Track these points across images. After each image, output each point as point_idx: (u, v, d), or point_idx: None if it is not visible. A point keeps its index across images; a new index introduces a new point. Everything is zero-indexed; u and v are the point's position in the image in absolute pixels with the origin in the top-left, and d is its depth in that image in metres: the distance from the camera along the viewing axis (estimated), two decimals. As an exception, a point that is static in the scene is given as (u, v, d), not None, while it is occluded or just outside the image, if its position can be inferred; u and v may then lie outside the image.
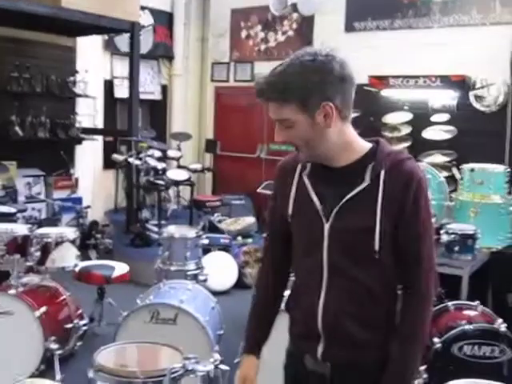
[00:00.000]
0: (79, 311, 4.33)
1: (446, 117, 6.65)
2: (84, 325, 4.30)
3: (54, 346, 3.73)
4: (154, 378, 2.24)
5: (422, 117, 6.75)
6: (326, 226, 1.75)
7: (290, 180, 1.85)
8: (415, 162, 1.78)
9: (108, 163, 7.90)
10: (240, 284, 6.16)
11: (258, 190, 8.03)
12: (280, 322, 2.08)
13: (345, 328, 1.75)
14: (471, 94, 6.47)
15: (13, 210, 5.58)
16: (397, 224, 1.71)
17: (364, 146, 1.79)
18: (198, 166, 8.41)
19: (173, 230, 4.57)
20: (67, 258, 4.20)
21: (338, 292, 1.76)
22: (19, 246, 4.08)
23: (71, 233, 4.29)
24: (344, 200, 1.73)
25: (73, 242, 4.25)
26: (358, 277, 1.74)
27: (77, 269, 4.53)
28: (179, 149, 8.39)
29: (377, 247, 1.70)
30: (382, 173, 1.71)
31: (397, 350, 1.73)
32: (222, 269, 5.90)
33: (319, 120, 1.69)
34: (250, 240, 6.91)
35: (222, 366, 2.29)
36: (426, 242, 1.75)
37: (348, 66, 1.72)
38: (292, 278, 2.00)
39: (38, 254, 4.12)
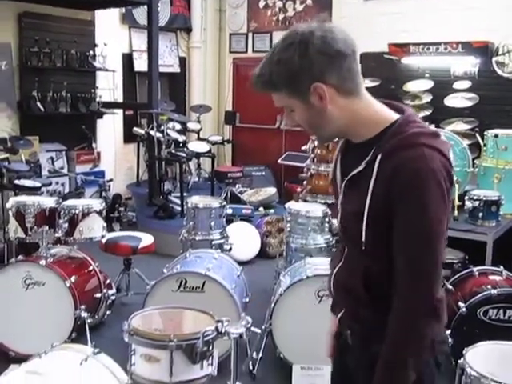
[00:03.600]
0: (107, 281, 4.41)
1: (467, 84, 6.58)
2: (112, 294, 4.38)
3: (84, 314, 3.82)
4: (187, 341, 2.30)
5: (443, 84, 6.70)
6: (339, 202, 1.77)
7: (338, 151, 1.85)
8: (429, 150, 1.54)
9: (129, 137, 7.97)
10: (262, 254, 6.21)
11: (279, 161, 8.06)
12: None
13: (348, 301, 1.77)
14: (493, 60, 6.40)
15: (37, 184, 5.65)
16: (385, 217, 1.57)
17: (387, 119, 1.64)
18: (218, 138, 8.44)
19: (197, 200, 4.62)
20: (94, 228, 4.26)
21: (345, 269, 1.78)
22: (47, 218, 4.15)
23: (97, 204, 4.34)
24: (346, 179, 1.70)
25: (99, 213, 4.31)
26: (359, 259, 1.70)
27: (103, 240, 4.60)
28: (199, 121, 8.42)
29: (363, 237, 1.62)
30: (379, 157, 1.58)
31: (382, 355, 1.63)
32: (244, 239, 5.95)
33: (314, 102, 1.60)
34: (271, 210, 6.94)
35: (254, 329, 2.35)
36: (416, 243, 1.55)
37: (335, 38, 1.56)
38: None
39: (66, 225, 4.18)
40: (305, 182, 5.47)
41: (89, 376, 2.53)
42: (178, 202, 6.70)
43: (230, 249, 4.50)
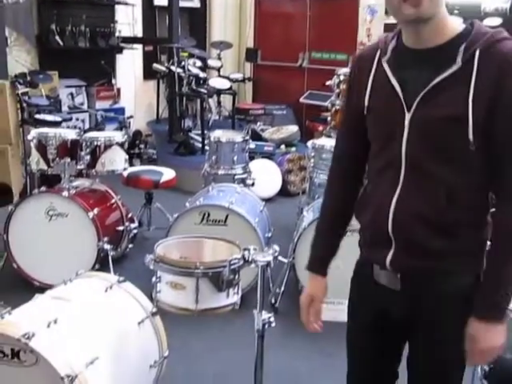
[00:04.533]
0: (129, 214, 4.40)
1: (498, 21, 6.35)
2: (134, 228, 4.38)
3: (107, 246, 3.82)
4: (213, 269, 2.27)
5: (473, 20, 6.46)
6: (408, 116, 1.56)
7: (368, 69, 1.67)
8: None
9: (148, 74, 7.86)
10: (284, 192, 6.17)
11: (301, 100, 7.93)
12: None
13: (417, 232, 1.58)
14: (527, -6, 6.16)
15: (58, 119, 5.60)
16: (490, 114, 1.48)
17: (457, 25, 1.56)
18: (239, 76, 8.30)
19: (219, 134, 4.54)
20: (116, 161, 4.22)
21: (413, 192, 1.58)
22: (69, 150, 4.11)
23: (119, 136, 4.28)
24: (431, 85, 1.53)
25: (121, 145, 4.26)
26: (439, 176, 1.55)
27: (125, 174, 4.58)
28: (219, 58, 8.26)
29: (470, 138, 1.50)
30: (477, 53, 1.49)
31: (489, 268, 1.58)
32: (266, 176, 5.89)
33: None
34: (293, 149, 6.86)
35: (281, 258, 2.32)
36: None
37: None
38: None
39: (88, 157, 4.14)
40: (329, 119, 5.37)
41: (114, 303, 2.52)
42: (199, 138, 6.64)
43: (253, 184, 4.45)
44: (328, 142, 4.40)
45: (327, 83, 5.38)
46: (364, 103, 1.68)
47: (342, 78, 5.10)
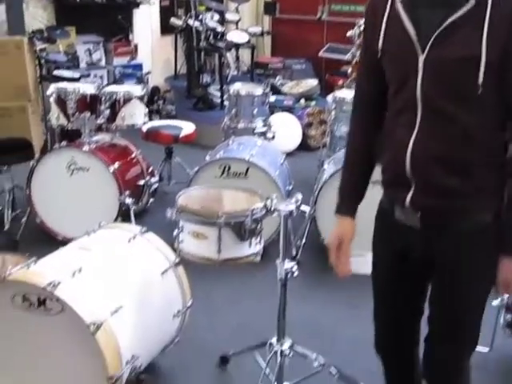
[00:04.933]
0: (150, 169, 4.41)
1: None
2: (155, 182, 4.39)
3: (128, 200, 3.84)
4: (236, 219, 2.27)
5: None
6: (421, 57, 1.56)
7: (382, 10, 1.65)
8: None
9: (166, 29, 7.74)
10: (304, 146, 6.13)
11: (320, 54, 7.80)
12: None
13: (434, 172, 1.60)
14: None
15: (76, 75, 5.57)
16: (504, 54, 1.48)
17: None
18: (257, 30, 8.16)
19: (239, 86, 4.49)
20: (136, 115, 4.19)
21: (429, 133, 1.59)
22: (88, 104, 4.08)
23: (138, 90, 4.25)
24: (444, 25, 1.51)
25: (140, 99, 4.23)
26: (454, 116, 1.56)
27: (144, 128, 4.56)
28: (237, 11, 8.12)
29: (480, 80, 1.50)
30: None
31: (509, 203, 1.60)
32: (286, 130, 5.83)
33: None
34: (312, 103, 6.77)
35: (304, 207, 2.31)
36: None
37: None
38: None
39: (108, 111, 4.12)
40: (349, 71, 5.29)
41: (137, 253, 2.54)
42: (218, 93, 6.58)
43: (273, 137, 4.41)
44: (349, 95, 4.33)
45: (348, 34, 5.27)
46: (378, 46, 1.67)
47: (361, 28, 4.99)
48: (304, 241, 3.78)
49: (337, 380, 2.53)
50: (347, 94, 4.37)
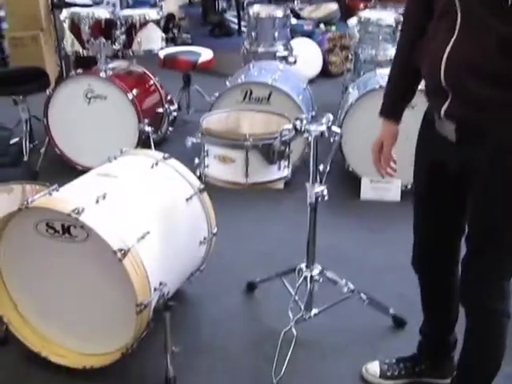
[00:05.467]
0: (168, 97, 4.29)
1: None
2: (174, 110, 4.28)
3: (148, 128, 3.75)
4: (264, 141, 2.18)
5: None
6: None
7: None
8: None
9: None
10: (324, 72, 5.95)
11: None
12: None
13: (469, 81, 1.54)
14: None
15: (89, 1, 5.38)
16: None
17: None
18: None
19: (258, 8, 4.31)
20: (153, 39, 4.04)
21: (467, 41, 1.53)
22: (103, 29, 3.93)
23: (154, 13, 4.08)
24: None
25: (157, 23, 4.07)
26: (491, 23, 1.49)
27: (162, 55, 4.42)
28: None
29: None
30: None
31: None
32: (306, 56, 5.61)
33: None
34: (333, 28, 6.54)
35: (335, 128, 2.20)
36: None
37: None
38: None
39: (124, 37, 3.97)
40: (372, -7, 5.06)
41: (160, 179, 2.47)
42: (235, 20, 6.37)
43: (295, 61, 4.25)
44: (374, 15, 4.15)
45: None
46: None
47: None
48: (328, 168, 3.68)
49: (366, 306, 2.49)
50: (372, 14, 4.18)
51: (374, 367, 2.24)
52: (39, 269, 2.19)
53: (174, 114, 4.30)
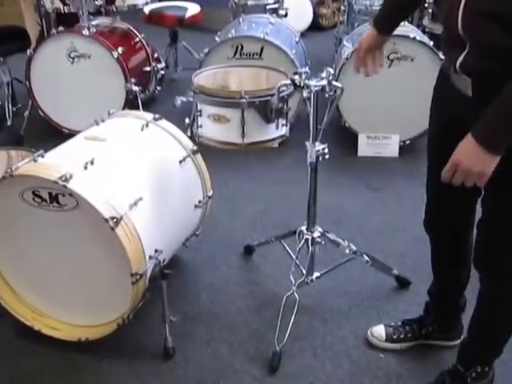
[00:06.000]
0: (155, 54, 4.13)
1: None
2: (162, 68, 4.12)
3: (135, 88, 3.60)
4: (261, 98, 2.05)
5: None
6: None
7: None
8: None
9: None
10: (315, 26, 5.77)
11: None
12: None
13: (487, 29, 1.42)
14: None
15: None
16: None
17: None
18: None
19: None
20: (137, -5, 3.88)
21: None
22: (85, -16, 3.75)
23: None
24: None
25: (141, -26, 3.88)
26: None
27: (147, 10, 4.24)
28: None
29: None
30: None
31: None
32: (296, 8, 5.41)
33: None
34: (323, -22, 6.33)
35: (335, 83, 2.08)
36: None
37: None
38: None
39: (106, -7, 3.80)
40: None
41: (152, 141, 2.34)
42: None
43: (286, 14, 4.09)
44: (368, -38, 3.98)
45: None
46: None
47: None
48: (323, 126, 3.57)
49: (369, 267, 2.41)
50: (366, -39, 4.00)
51: (379, 330, 2.17)
52: (28, 240, 2.08)
53: (162, 72, 4.14)
